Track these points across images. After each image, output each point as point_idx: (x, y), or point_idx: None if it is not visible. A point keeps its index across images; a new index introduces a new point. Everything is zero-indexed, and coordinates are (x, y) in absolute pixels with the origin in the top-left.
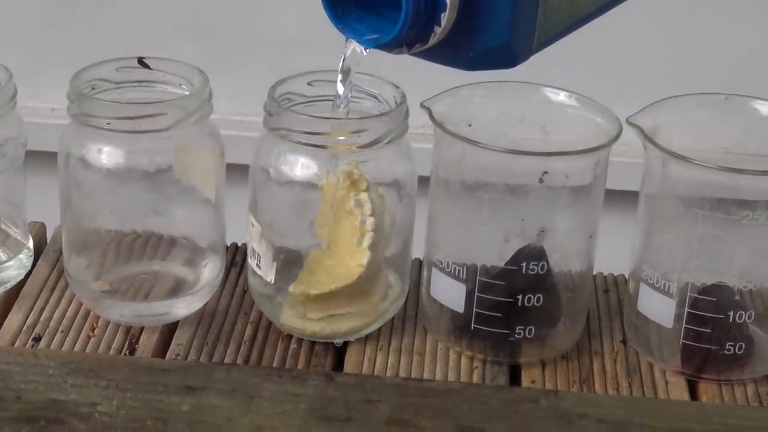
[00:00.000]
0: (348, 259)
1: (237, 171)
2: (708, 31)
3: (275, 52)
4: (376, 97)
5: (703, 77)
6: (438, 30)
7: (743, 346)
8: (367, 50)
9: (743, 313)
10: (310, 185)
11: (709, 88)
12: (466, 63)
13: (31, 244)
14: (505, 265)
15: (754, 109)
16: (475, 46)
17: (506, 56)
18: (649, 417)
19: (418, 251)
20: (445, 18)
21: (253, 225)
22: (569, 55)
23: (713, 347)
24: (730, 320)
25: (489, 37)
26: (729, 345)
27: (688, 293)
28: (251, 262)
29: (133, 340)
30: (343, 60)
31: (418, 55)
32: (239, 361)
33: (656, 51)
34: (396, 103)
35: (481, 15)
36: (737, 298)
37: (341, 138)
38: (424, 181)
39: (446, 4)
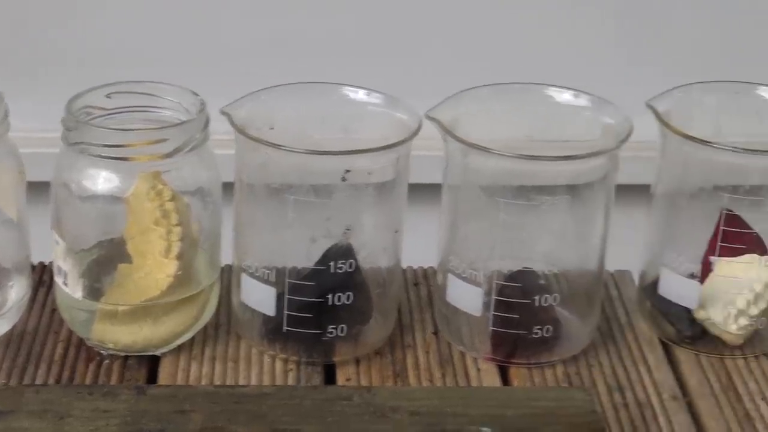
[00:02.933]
0: (157, 270)
1: (41, 189)
2: (505, 23)
3: (74, 66)
4: (176, 106)
5: (500, 67)
6: None
7: (550, 329)
8: None
9: (548, 296)
10: (113, 198)
11: (510, 78)
12: None
13: None
14: (313, 265)
15: (550, 96)
16: None
17: None
18: (461, 405)
19: (227, 258)
20: None
21: (57, 242)
22: (367, 53)
23: (522, 332)
24: (537, 304)
25: None
26: (536, 329)
27: (495, 281)
28: (58, 279)
29: None
30: None
31: None
32: (51, 381)
33: (451, 45)
34: (196, 111)
35: None
36: (542, 282)
37: (142, 149)
38: (229, 186)
39: None
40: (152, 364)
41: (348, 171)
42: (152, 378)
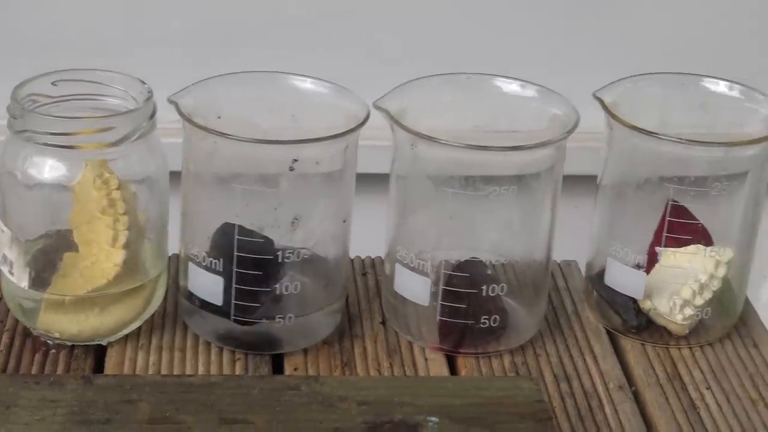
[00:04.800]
0: (103, 259)
1: None
2: (453, 13)
3: (19, 52)
4: (123, 95)
5: (448, 57)
6: None
7: (498, 318)
8: None
9: (496, 286)
10: (60, 187)
11: (457, 68)
12: None
13: None
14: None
15: (498, 86)
16: None
17: None
18: (409, 395)
19: (173, 247)
20: None
21: (3, 231)
22: (315, 42)
23: (469, 322)
24: (484, 294)
25: None
26: (484, 318)
27: (442, 271)
28: (3, 268)
29: None
30: None
31: None
32: None
33: (399, 35)
34: (143, 99)
35: None
36: (490, 272)
37: (88, 137)
38: (177, 175)
39: None
40: (99, 353)
41: (296, 160)
42: (99, 368)
